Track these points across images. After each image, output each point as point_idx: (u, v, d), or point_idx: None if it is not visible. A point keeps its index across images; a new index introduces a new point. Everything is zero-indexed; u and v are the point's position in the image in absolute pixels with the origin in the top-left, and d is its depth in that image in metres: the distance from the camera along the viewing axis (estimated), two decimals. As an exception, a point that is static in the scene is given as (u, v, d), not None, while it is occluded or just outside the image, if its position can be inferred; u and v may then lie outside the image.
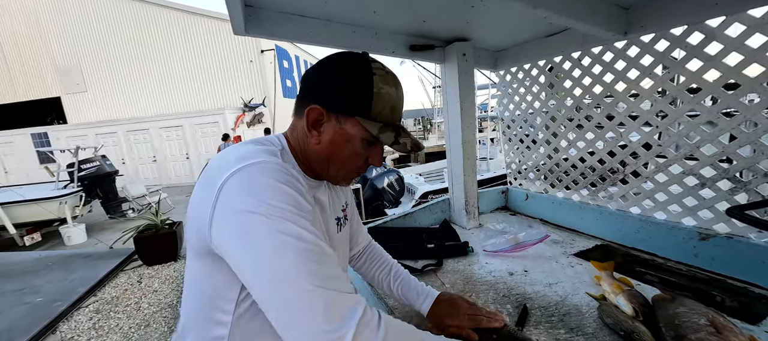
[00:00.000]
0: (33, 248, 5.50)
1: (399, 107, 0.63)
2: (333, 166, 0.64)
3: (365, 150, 0.63)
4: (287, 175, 0.52)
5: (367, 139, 0.61)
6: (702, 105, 1.03)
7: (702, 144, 1.05)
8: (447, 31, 1.34)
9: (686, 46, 1.01)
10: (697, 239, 1.09)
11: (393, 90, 0.60)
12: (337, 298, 0.45)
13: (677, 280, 1.12)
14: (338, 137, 0.61)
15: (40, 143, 12.19)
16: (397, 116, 0.63)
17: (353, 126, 0.59)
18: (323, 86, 0.60)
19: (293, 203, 0.50)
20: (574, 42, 1.30)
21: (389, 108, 0.60)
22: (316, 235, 0.50)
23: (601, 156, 1.38)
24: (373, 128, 0.58)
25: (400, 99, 0.62)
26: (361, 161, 0.65)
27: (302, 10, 1.07)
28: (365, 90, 0.57)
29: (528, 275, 1.11)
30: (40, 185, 6.78)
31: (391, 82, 0.60)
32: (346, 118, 0.59)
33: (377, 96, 0.58)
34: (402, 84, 0.65)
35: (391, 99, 0.60)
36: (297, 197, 0.51)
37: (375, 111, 0.58)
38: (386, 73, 0.60)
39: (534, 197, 1.72)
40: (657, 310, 0.80)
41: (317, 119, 0.60)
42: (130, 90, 12.24)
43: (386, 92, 0.59)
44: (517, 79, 1.70)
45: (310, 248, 0.47)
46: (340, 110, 0.59)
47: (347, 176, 0.68)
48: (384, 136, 0.59)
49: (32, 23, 12.28)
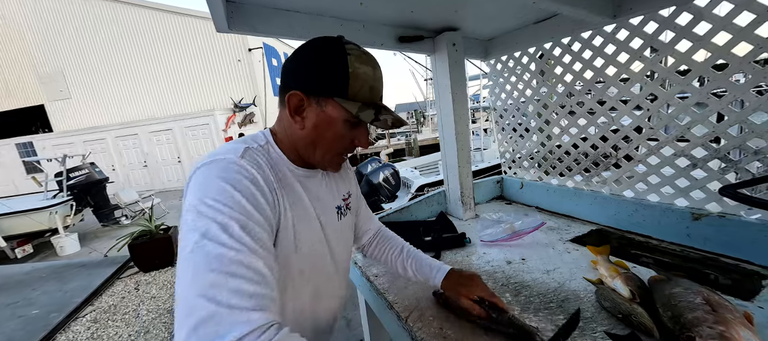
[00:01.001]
0: (25, 260, 5.40)
1: (378, 85, 0.63)
2: (319, 150, 0.65)
3: (349, 131, 0.64)
4: (237, 173, 0.52)
5: (348, 120, 0.62)
6: (692, 86, 1.03)
7: (692, 125, 1.06)
8: (436, 20, 1.32)
9: (675, 26, 1.01)
10: (690, 219, 1.10)
11: (369, 69, 0.61)
12: (218, 314, 0.40)
13: (672, 261, 1.14)
14: (321, 121, 0.62)
15: (25, 152, 11.92)
16: (377, 95, 0.64)
17: (334, 108, 0.60)
18: (300, 71, 0.61)
19: (229, 203, 0.48)
20: (563, 27, 1.29)
21: (367, 87, 0.61)
22: (241, 241, 0.46)
23: (593, 141, 1.38)
24: (352, 107, 0.59)
25: (378, 78, 0.63)
26: (346, 143, 0.66)
27: (287, 4, 1.04)
28: (341, 70, 0.58)
29: (526, 263, 1.11)
30: (28, 196, 6.64)
31: (366, 62, 0.60)
32: (326, 100, 0.60)
33: (353, 76, 0.59)
34: (381, 65, 0.66)
35: (368, 78, 0.60)
36: (236, 196, 0.49)
37: (353, 91, 0.59)
38: (362, 53, 0.61)
39: (529, 185, 1.72)
40: (653, 292, 0.81)
41: (298, 105, 0.62)
42: (117, 95, 11.98)
43: (363, 71, 0.60)
44: (508, 68, 1.69)
45: (222, 253, 0.44)
46: (318, 93, 0.60)
47: (335, 160, 0.69)
48: (364, 114, 0.59)
49: (10, 30, 11.89)
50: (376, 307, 1.10)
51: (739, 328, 0.62)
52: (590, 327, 0.77)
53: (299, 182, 0.67)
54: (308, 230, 0.67)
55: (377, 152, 14.44)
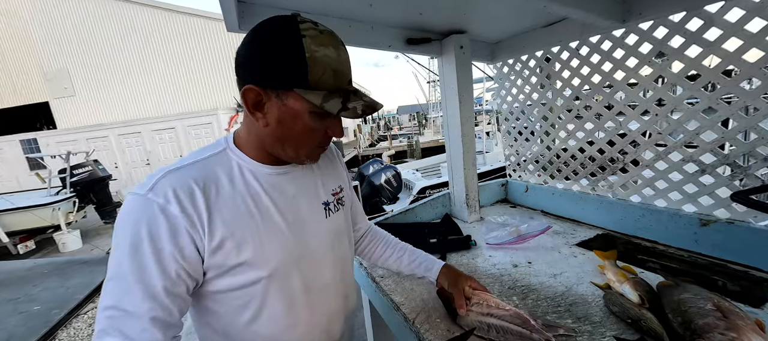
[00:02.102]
0: (27, 256, 5.42)
1: (342, 68, 0.55)
2: (289, 147, 0.60)
3: (319, 123, 0.58)
4: (144, 214, 0.51)
5: (315, 111, 0.55)
6: (701, 92, 1.03)
7: (701, 131, 1.06)
8: (444, 23, 1.32)
9: (685, 32, 1.01)
10: (698, 225, 1.09)
11: (331, 51, 0.53)
12: (115, 329, 0.47)
13: (679, 266, 1.13)
14: (284, 115, 0.56)
15: (29, 149, 11.98)
16: (343, 79, 0.56)
17: (296, 100, 0.54)
18: (253, 61, 0.54)
19: (142, 241, 0.50)
20: (572, 31, 1.29)
21: (330, 72, 0.53)
22: (129, 270, 0.49)
23: (600, 146, 1.38)
24: (316, 97, 0.52)
25: (342, 60, 0.55)
26: (319, 136, 0.61)
27: (297, 5, 1.05)
28: (297, 57, 0.51)
29: (532, 266, 1.11)
30: (31, 193, 6.68)
31: (327, 43, 0.53)
32: (286, 92, 0.54)
33: (312, 61, 0.51)
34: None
35: (330, 61, 0.53)
36: (143, 238, 0.50)
37: (314, 78, 0.52)
38: (319, 33, 0.53)
39: (534, 188, 1.72)
40: (662, 297, 0.80)
41: (256, 101, 0.56)
42: (121, 93, 12.06)
43: (322, 54, 0.52)
44: (514, 71, 1.69)
45: (114, 279, 0.50)
46: (276, 85, 0.54)
47: (311, 154, 0.64)
48: (329, 104, 0.53)
49: (17, 28, 11.99)
50: (381, 308, 1.09)
51: (751, 335, 0.61)
52: (599, 332, 0.76)
53: (269, 183, 0.62)
54: (272, 237, 0.60)
55: (379, 153, 14.45)
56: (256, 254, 0.58)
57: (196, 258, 0.54)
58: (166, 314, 0.50)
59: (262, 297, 0.61)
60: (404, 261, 0.93)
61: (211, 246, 0.54)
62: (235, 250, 0.56)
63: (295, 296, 0.64)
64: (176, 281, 0.52)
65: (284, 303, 0.63)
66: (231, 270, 0.57)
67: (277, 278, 0.61)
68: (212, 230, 0.54)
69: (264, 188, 0.62)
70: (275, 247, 0.60)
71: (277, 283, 0.61)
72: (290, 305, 0.64)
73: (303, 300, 0.65)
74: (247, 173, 0.61)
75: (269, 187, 0.62)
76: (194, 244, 0.53)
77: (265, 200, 0.61)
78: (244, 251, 0.57)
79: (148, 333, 0.48)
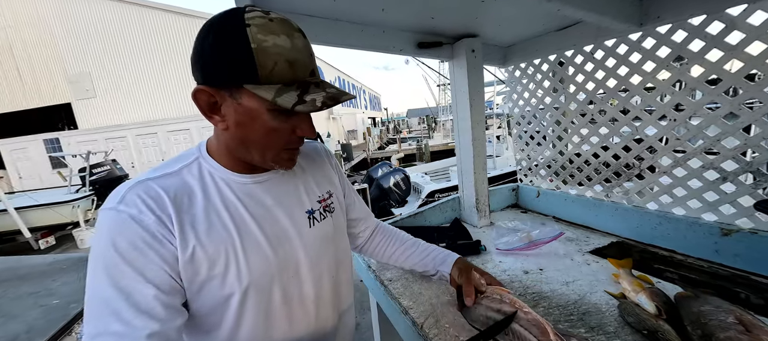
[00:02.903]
0: (48, 251, 5.62)
1: (299, 57, 0.49)
2: (255, 150, 0.55)
3: (282, 122, 0.53)
4: (120, 227, 0.48)
5: (274, 109, 0.50)
6: (723, 97, 0.99)
7: (723, 137, 1.02)
8: (455, 27, 1.32)
9: (705, 36, 0.98)
10: (719, 234, 1.05)
11: (283, 39, 0.47)
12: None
13: (699, 277, 1.09)
14: (242, 117, 0.51)
15: (52, 148, 12.46)
16: (301, 69, 0.50)
17: (249, 98, 0.49)
18: (200, 60, 0.50)
19: (119, 258, 0.47)
20: (586, 35, 1.27)
21: (284, 62, 0.47)
22: (112, 291, 0.46)
23: (615, 151, 1.35)
24: (268, 92, 0.47)
25: (298, 48, 0.49)
26: (285, 136, 0.55)
27: (309, 9, 1.06)
28: (241, 48, 0.46)
29: (543, 273, 1.09)
30: (53, 190, 6.93)
31: (277, 31, 0.47)
32: (238, 90, 0.49)
33: (260, 52, 0.46)
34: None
35: (282, 51, 0.47)
36: (122, 254, 0.47)
37: (265, 71, 0.47)
38: (269, 21, 0.47)
39: (546, 194, 1.69)
40: (681, 309, 0.78)
41: (210, 102, 0.51)
42: (138, 95, 12.45)
43: (272, 43, 0.46)
44: (526, 75, 1.67)
45: (95, 303, 0.46)
46: (226, 83, 0.49)
47: (280, 158, 0.58)
48: (282, 99, 0.47)
49: (44, 33, 12.55)
50: (389, 312, 1.09)
51: (777, 351, 0.59)
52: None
53: (244, 193, 0.58)
54: (250, 250, 0.56)
55: (388, 156, 14.46)
56: (230, 268, 0.54)
57: (179, 267, 0.51)
58: (164, 328, 0.47)
59: (238, 311, 0.57)
60: (415, 257, 0.89)
61: (185, 258, 0.51)
62: (207, 263, 0.53)
63: (272, 310, 0.60)
64: (168, 291, 0.49)
65: (262, 317, 0.59)
66: (205, 283, 0.54)
67: (253, 292, 0.57)
68: (184, 242, 0.51)
69: (240, 198, 0.58)
70: (253, 261, 0.57)
71: (254, 297, 0.57)
72: (268, 319, 0.60)
73: (282, 313, 0.61)
74: (220, 183, 0.57)
75: (245, 197, 0.58)
76: (173, 251, 0.51)
77: (242, 211, 0.57)
78: (217, 265, 0.53)
79: None
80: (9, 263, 4.34)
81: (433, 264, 0.90)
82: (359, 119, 25.49)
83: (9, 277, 3.75)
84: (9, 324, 2.73)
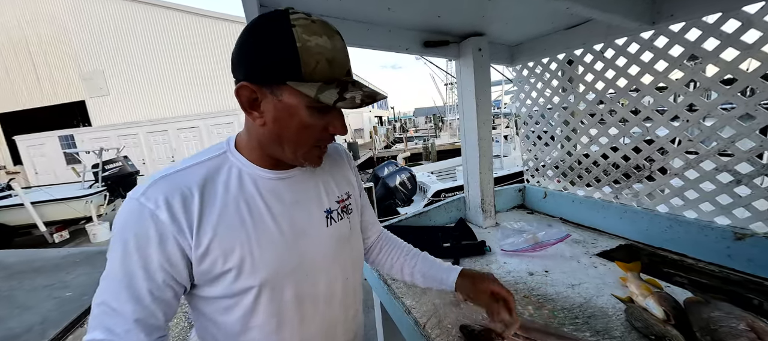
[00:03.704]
0: (61, 245, 5.77)
1: (339, 57, 0.52)
2: (287, 146, 0.57)
3: (318, 118, 0.55)
4: (135, 219, 0.52)
5: (312, 106, 0.52)
6: (738, 97, 0.96)
7: (737, 138, 0.99)
8: (462, 26, 1.31)
9: (721, 34, 0.95)
10: (731, 238, 1.03)
11: (324, 40, 0.50)
12: (101, 325, 0.50)
13: (710, 282, 1.07)
14: (281, 112, 0.53)
15: (66, 144, 12.78)
16: (339, 69, 0.53)
17: (290, 94, 0.51)
18: (245, 58, 0.52)
19: (130, 246, 0.51)
20: (596, 33, 1.25)
21: (325, 61, 0.50)
22: (119, 271, 0.51)
23: (625, 152, 1.32)
24: (310, 89, 0.50)
25: (338, 48, 0.52)
26: (318, 133, 0.57)
27: (317, 8, 1.07)
28: (287, 47, 0.49)
29: (549, 275, 1.08)
30: (67, 185, 7.11)
31: (319, 32, 0.50)
32: (280, 87, 0.51)
33: (304, 50, 0.49)
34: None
35: (324, 50, 0.50)
36: (131, 243, 0.51)
37: (307, 69, 0.49)
38: (312, 22, 0.50)
39: (553, 195, 1.67)
40: (690, 314, 0.76)
41: (251, 98, 0.54)
42: (150, 93, 12.66)
43: (315, 43, 0.49)
44: (534, 74, 1.65)
45: (107, 278, 0.52)
46: (269, 80, 0.51)
47: (310, 155, 0.59)
48: (324, 96, 0.50)
49: (59, 31, 12.85)
50: (392, 311, 1.09)
51: (790, 360, 0.57)
52: (620, 347, 0.73)
53: (267, 188, 0.60)
54: (264, 245, 0.58)
55: (394, 155, 14.44)
56: (244, 262, 0.56)
57: (183, 265, 0.54)
58: (151, 317, 0.51)
59: (251, 306, 0.58)
60: (417, 274, 0.83)
61: (198, 253, 0.53)
62: (221, 257, 0.55)
63: (284, 308, 0.61)
64: (162, 286, 0.52)
65: (273, 314, 0.60)
66: (219, 277, 0.56)
67: (267, 288, 0.59)
68: (200, 236, 0.53)
69: (261, 193, 0.59)
70: (267, 256, 0.58)
71: (267, 294, 0.59)
72: (279, 316, 0.61)
73: (293, 311, 0.62)
74: (245, 177, 0.59)
75: (267, 192, 0.60)
76: (182, 251, 0.53)
77: (261, 206, 0.59)
78: (231, 259, 0.55)
79: (132, 334, 0.50)
80: (25, 255, 4.47)
81: (436, 284, 0.82)
82: (366, 117, 25.53)
83: (25, 269, 3.86)
84: (24, 315, 2.82)
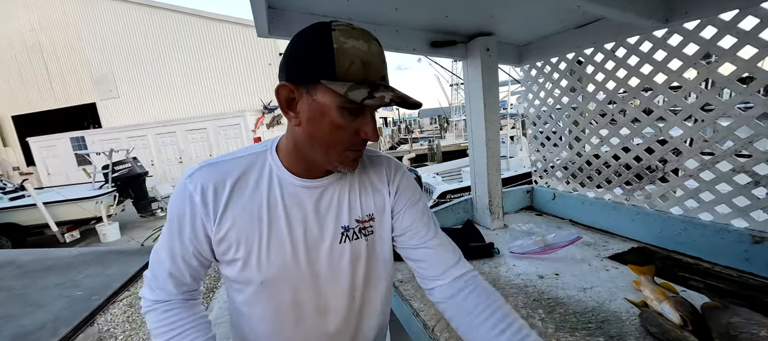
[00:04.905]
0: (73, 244, 5.87)
1: (374, 61, 0.53)
2: (319, 147, 0.58)
3: (349, 121, 0.55)
4: (180, 193, 0.61)
5: (344, 106, 0.54)
6: (756, 96, 0.94)
7: (755, 139, 0.97)
8: (470, 25, 1.30)
9: (737, 32, 0.93)
10: (749, 242, 1.00)
11: (361, 43, 0.52)
12: (151, 270, 0.66)
13: (727, 287, 1.04)
14: (314, 112, 0.55)
15: (78, 146, 13.00)
16: (374, 72, 0.54)
17: (324, 93, 0.53)
18: (288, 61, 0.55)
19: (170, 218, 0.63)
20: (607, 32, 1.23)
21: (359, 63, 0.52)
22: (166, 233, 0.63)
23: (637, 153, 1.30)
24: (341, 87, 0.51)
25: (374, 52, 0.53)
26: (348, 135, 0.57)
27: (325, 10, 1.07)
28: (325, 47, 0.51)
29: (559, 278, 1.06)
30: (78, 186, 7.24)
31: (356, 36, 0.52)
32: (315, 86, 0.53)
33: (340, 51, 0.51)
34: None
35: (359, 53, 0.52)
36: (174, 214, 0.62)
37: (342, 69, 0.51)
38: (350, 28, 0.53)
39: (562, 196, 1.64)
40: (709, 320, 0.74)
41: (289, 98, 0.56)
42: (158, 95, 12.85)
43: (351, 45, 0.51)
44: (543, 74, 1.63)
45: (163, 234, 0.64)
46: (305, 79, 0.54)
47: (343, 158, 0.59)
48: (353, 93, 0.51)
49: (72, 36, 13.12)
50: (400, 313, 1.08)
51: (816, 369, 0.55)
52: (635, 353, 0.71)
53: (291, 193, 0.63)
54: (272, 248, 0.61)
55: (400, 156, 14.42)
56: (250, 256, 0.61)
57: (206, 243, 0.62)
58: (180, 274, 0.63)
59: (253, 297, 0.64)
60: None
61: (218, 237, 0.60)
62: (234, 245, 0.61)
63: (282, 308, 0.65)
64: (190, 255, 0.62)
65: (271, 309, 0.65)
66: (231, 263, 0.63)
67: (267, 286, 0.63)
68: (221, 222, 0.60)
69: (284, 197, 0.62)
70: (272, 258, 0.61)
71: (266, 291, 0.63)
72: (277, 313, 0.65)
73: (290, 313, 0.65)
74: (274, 179, 0.63)
75: (289, 197, 0.62)
76: (205, 231, 0.61)
77: (280, 209, 0.62)
78: (241, 249, 0.61)
79: (165, 282, 0.63)
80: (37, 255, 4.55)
81: None
82: (371, 118, 25.51)
83: (37, 268, 3.93)
84: (37, 313, 2.86)
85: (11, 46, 13.63)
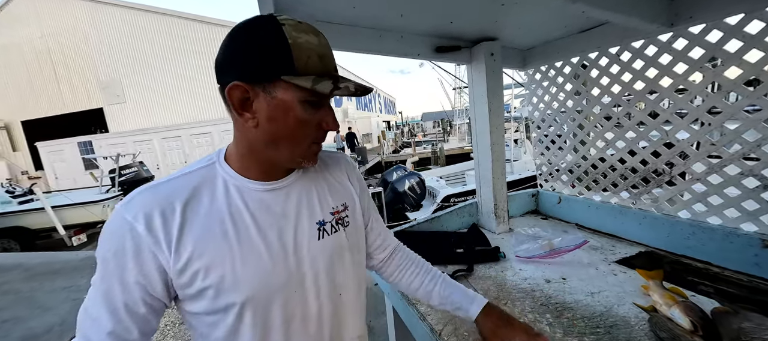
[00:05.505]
0: (80, 248, 5.93)
1: (328, 54, 0.54)
2: (284, 146, 0.56)
3: (312, 114, 0.55)
4: (114, 230, 0.51)
5: (306, 100, 0.53)
6: (763, 99, 0.93)
7: (764, 142, 0.96)
8: (474, 31, 1.31)
9: (744, 36, 0.93)
10: (759, 246, 0.99)
11: (312, 37, 0.52)
12: (82, 337, 0.51)
13: (737, 291, 1.02)
14: (275, 110, 0.52)
15: (85, 150, 13.18)
16: (329, 65, 0.54)
17: (285, 90, 0.52)
18: (235, 59, 0.52)
19: (109, 257, 0.51)
20: (612, 36, 1.23)
21: (315, 56, 0.52)
22: (100, 280, 0.51)
23: (643, 157, 1.29)
24: (306, 81, 0.50)
25: (324, 45, 0.54)
26: (312, 129, 0.56)
27: (330, 16, 1.08)
28: (280, 44, 0.49)
29: (566, 283, 1.05)
30: (85, 190, 7.33)
31: (307, 30, 0.52)
32: (273, 84, 0.51)
33: (296, 46, 0.50)
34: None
35: (313, 46, 0.52)
36: (110, 254, 0.51)
37: (300, 63, 0.50)
38: (298, 23, 0.52)
39: (568, 200, 1.64)
40: (719, 325, 0.73)
41: (243, 98, 0.53)
42: (164, 100, 13.03)
43: (305, 40, 0.51)
44: (547, 78, 1.63)
45: (93, 285, 0.52)
46: (262, 78, 0.51)
47: (307, 153, 0.59)
48: (321, 86, 0.51)
49: (80, 43, 13.36)
50: (405, 317, 1.08)
51: (831, 375, 0.54)
52: (644, 359, 0.71)
53: (255, 200, 0.58)
54: (247, 261, 0.55)
55: (403, 160, 14.42)
56: (225, 278, 0.53)
57: (158, 279, 0.52)
58: (125, 331, 0.50)
59: (234, 324, 0.56)
60: (435, 295, 0.79)
61: (177, 267, 0.52)
62: (202, 272, 0.53)
63: (270, 327, 0.58)
64: (137, 301, 0.51)
65: (257, 334, 0.57)
66: (201, 292, 0.54)
67: (251, 306, 0.55)
68: (179, 250, 0.51)
69: (248, 206, 0.57)
70: (250, 272, 0.55)
71: (250, 312, 0.56)
72: (264, 337, 0.58)
73: (280, 332, 0.59)
74: (231, 190, 0.57)
75: (254, 205, 0.58)
76: (157, 264, 0.51)
77: (247, 219, 0.56)
78: (211, 274, 0.53)
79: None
80: (45, 258, 4.61)
81: (454, 307, 0.77)
82: (374, 122, 25.63)
83: (45, 271, 3.98)
84: (45, 316, 2.90)
85: (21, 53, 13.92)
